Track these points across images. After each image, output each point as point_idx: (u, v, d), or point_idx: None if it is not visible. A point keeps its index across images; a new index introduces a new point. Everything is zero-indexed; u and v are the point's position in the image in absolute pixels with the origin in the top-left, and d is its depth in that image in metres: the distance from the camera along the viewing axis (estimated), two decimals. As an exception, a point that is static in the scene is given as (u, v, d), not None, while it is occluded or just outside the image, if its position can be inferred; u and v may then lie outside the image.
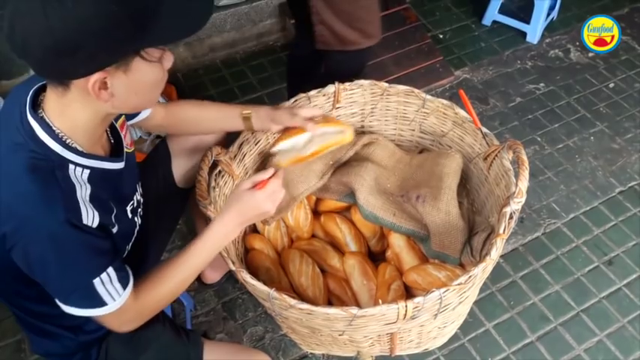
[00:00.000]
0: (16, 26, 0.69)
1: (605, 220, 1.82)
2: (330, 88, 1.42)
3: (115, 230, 0.90)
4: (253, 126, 1.24)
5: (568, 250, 1.74)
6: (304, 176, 1.38)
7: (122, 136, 1.00)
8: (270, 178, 1.02)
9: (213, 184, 1.26)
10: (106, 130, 0.97)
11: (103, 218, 0.85)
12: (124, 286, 0.87)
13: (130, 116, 1.10)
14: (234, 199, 1.00)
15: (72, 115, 0.81)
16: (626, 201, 1.88)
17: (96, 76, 0.74)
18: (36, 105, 0.83)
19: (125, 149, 1.00)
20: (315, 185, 1.38)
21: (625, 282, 1.66)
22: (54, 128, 0.81)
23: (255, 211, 0.99)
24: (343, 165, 1.44)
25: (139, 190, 1.09)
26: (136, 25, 0.73)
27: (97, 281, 0.82)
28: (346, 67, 1.66)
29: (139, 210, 1.09)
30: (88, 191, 0.83)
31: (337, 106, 1.46)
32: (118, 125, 1.00)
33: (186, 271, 0.97)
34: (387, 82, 1.44)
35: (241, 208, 0.99)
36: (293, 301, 0.99)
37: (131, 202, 1.04)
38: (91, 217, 0.81)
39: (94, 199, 0.84)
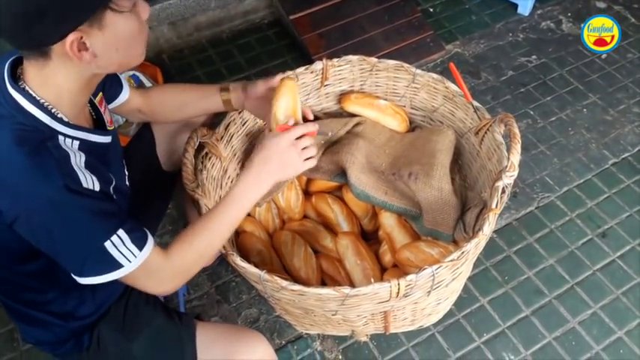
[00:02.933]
0: None
1: (599, 192, 1.81)
2: (318, 65, 1.39)
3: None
4: (233, 105, 1.18)
5: (562, 223, 1.73)
6: (294, 156, 1.35)
7: (102, 112, 0.98)
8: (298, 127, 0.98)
9: (200, 166, 1.23)
10: (87, 105, 0.95)
11: (103, 185, 0.82)
12: (140, 247, 0.83)
13: (107, 100, 1.07)
14: (258, 145, 0.97)
15: (56, 84, 0.79)
16: (620, 173, 1.87)
17: (71, 37, 0.72)
18: (15, 77, 0.81)
19: (107, 126, 0.97)
20: (306, 165, 1.35)
21: (619, 254, 1.66)
22: (39, 99, 0.79)
23: (278, 155, 0.95)
24: (334, 144, 1.42)
25: (126, 171, 1.07)
26: None
27: (108, 244, 0.79)
28: None
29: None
30: (83, 159, 0.81)
31: (325, 83, 1.43)
32: (96, 102, 0.97)
33: (219, 226, 0.93)
34: (376, 57, 1.41)
35: (264, 153, 0.96)
36: (284, 283, 0.98)
37: (127, 176, 1.02)
38: (90, 181, 0.79)
39: (90, 167, 0.82)
